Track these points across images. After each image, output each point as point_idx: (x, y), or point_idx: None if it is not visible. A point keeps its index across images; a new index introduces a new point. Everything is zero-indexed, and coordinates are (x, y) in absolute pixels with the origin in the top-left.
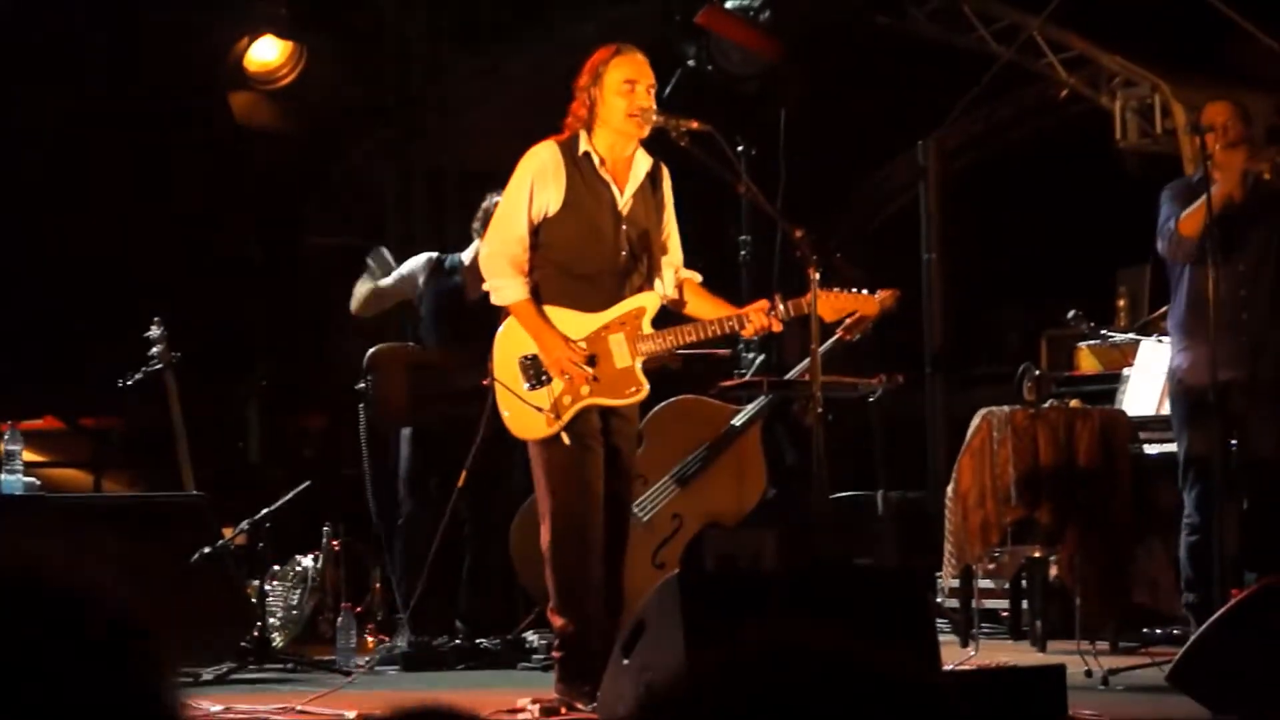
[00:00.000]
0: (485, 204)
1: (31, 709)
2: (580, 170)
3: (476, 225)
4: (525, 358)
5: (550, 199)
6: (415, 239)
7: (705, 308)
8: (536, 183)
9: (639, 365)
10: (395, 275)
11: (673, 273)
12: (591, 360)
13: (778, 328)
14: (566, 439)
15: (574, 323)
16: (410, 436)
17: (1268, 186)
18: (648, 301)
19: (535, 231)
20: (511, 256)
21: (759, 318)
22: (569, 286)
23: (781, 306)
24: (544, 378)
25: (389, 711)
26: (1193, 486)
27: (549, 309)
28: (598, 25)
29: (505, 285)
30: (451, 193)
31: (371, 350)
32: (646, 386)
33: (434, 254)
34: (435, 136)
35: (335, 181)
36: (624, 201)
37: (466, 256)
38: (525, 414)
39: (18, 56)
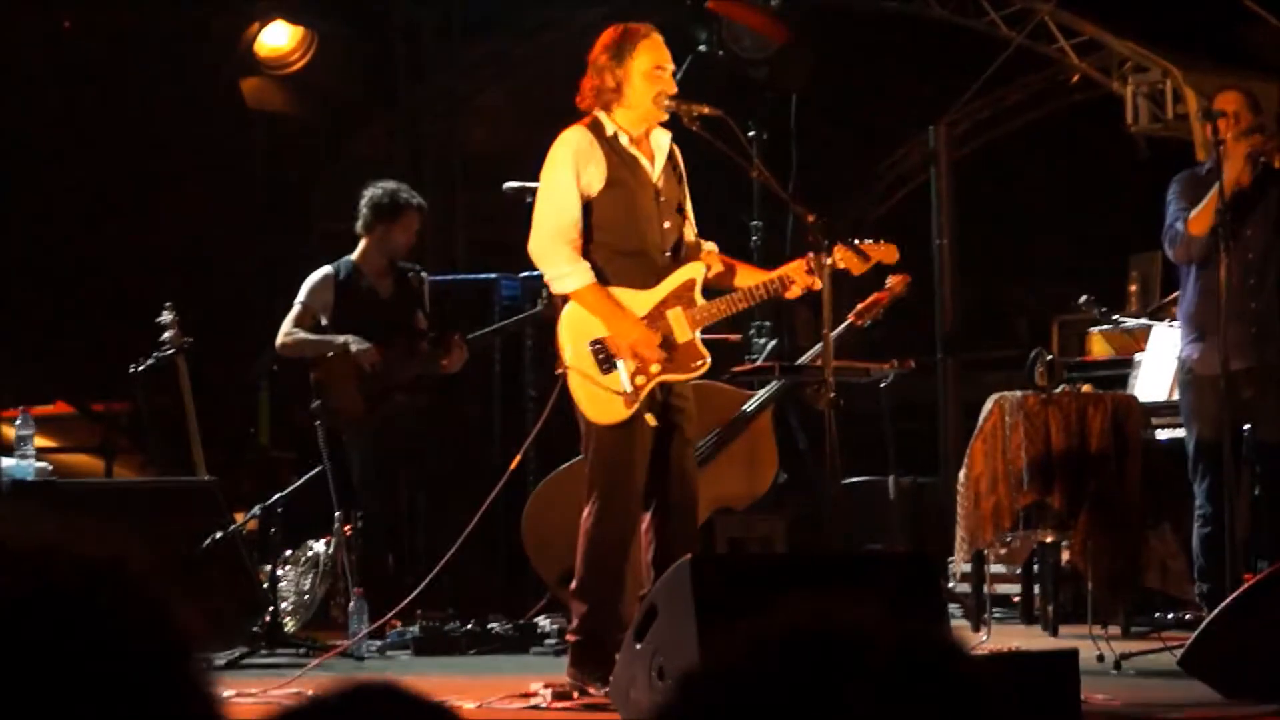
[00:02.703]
0: (369, 196)
1: (65, 694)
2: (615, 150)
3: (360, 226)
4: (595, 342)
5: (593, 179)
6: (425, 222)
7: (744, 275)
8: (580, 164)
9: (698, 337)
10: (303, 301)
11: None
12: (665, 341)
13: (818, 285)
14: (652, 420)
15: (633, 302)
16: (363, 447)
17: (1274, 172)
18: (695, 273)
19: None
20: (570, 241)
21: (801, 277)
22: (621, 266)
23: (818, 265)
24: (616, 360)
25: (341, 688)
26: (1203, 477)
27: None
28: (607, 10)
29: (568, 272)
30: (460, 177)
31: (314, 372)
32: (708, 358)
33: (327, 270)
34: (444, 121)
35: (344, 166)
36: (655, 174)
37: (358, 252)
38: (603, 399)
39: (30, 41)
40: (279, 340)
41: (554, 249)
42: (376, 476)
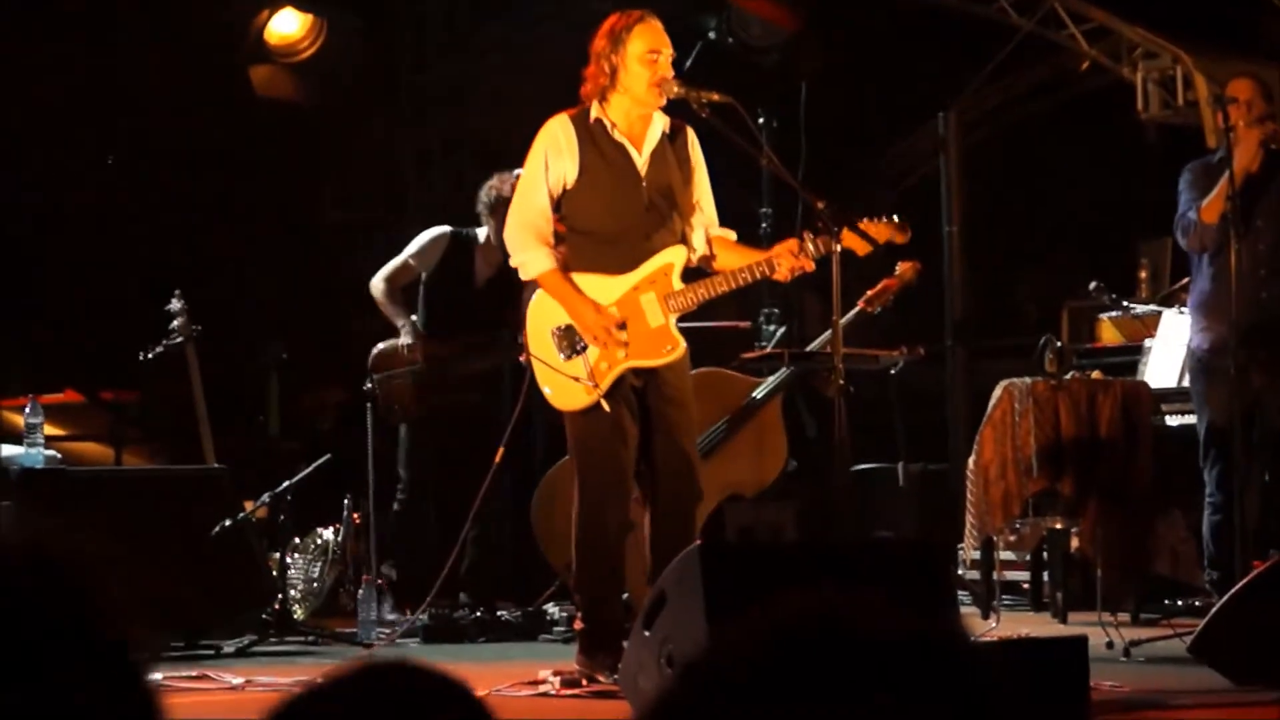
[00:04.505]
0: (487, 186)
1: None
2: (593, 137)
3: (481, 208)
4: (557, 329)
5: (566, 169)
6: (435, 212)
7: (735, 259)
8: (551, 155)
9: (673, 322)
10: (409, 255)
11: (703, 232)
12: (621, 326)
13: (810, 267)
14: (607, 406)
15: (604, 287)
16: (409, 427)
17: None
18: (674, 257)
19: (558, 205)
20: (535, 229)
21: (788, 259)
22: (596, 252)
23: (811, 245)
24: (579, 346)
25: (353, 668)
26: (1214, 464)
27: (579, 276)
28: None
29: (531, 258)
30: (470, 166)
31: (375, 351)
32: (683, 343)
33: (448, 229)
34: (454, 109)
35: (354, 155)
36: (642, 161)
37: (482, 235)
38: (564, 386)
39: (39, 27)
40: (372, 281)
41: (519, 236)
42: (420, 465)
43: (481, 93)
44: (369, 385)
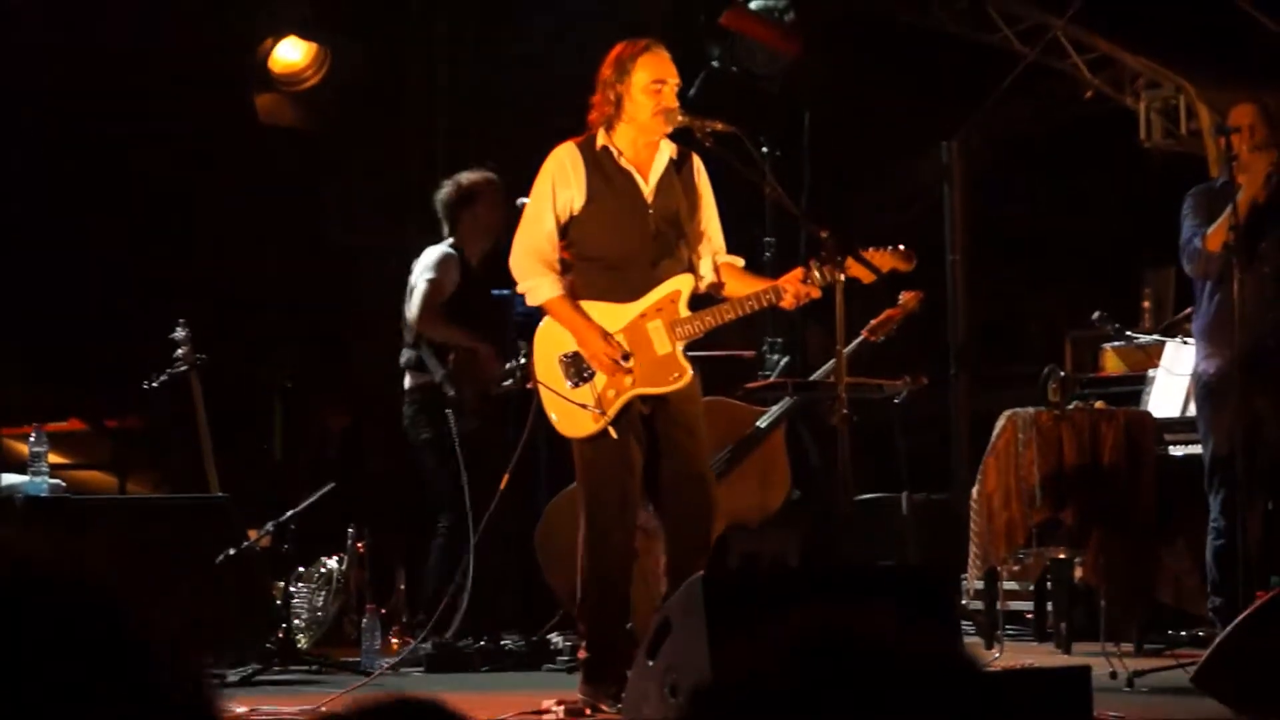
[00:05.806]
0: (454, 182)
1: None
2: (600, 165)
3: (448, 226)
4: (565, 356)
5: (573, 197)
6: (437, 233)
7: (743, 286)
8: (557, 182)
9: (680, 350)
10: (434, 276)
11: (711, 259)
12: (626, 357)
13: (816, 294)
14: (614, 433)
15: (611, 315)
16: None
17: None
18: (681, 284)
19: (564, 232)
20: (541, 255)
21: (795, 286)
22: (603, 279)
23: (816, 273)
24: (586, 374)
25: (355, 706)
26: (1219, 490)
27: (587, 304)
28: (619, 25)
29: (538, 284)
30: None
31: (453, 357)
32: (690, 370)
33: (445, 248)
34: (456, 132)
35: (357, 177)
36: (649, 189)
37: (454, 242)
38: (571, 413)
39: (41, 54)
40: (419, 313)
41: (525, 263)
42: (462, 484)
43: (484, 116)
44: (452, 393)
